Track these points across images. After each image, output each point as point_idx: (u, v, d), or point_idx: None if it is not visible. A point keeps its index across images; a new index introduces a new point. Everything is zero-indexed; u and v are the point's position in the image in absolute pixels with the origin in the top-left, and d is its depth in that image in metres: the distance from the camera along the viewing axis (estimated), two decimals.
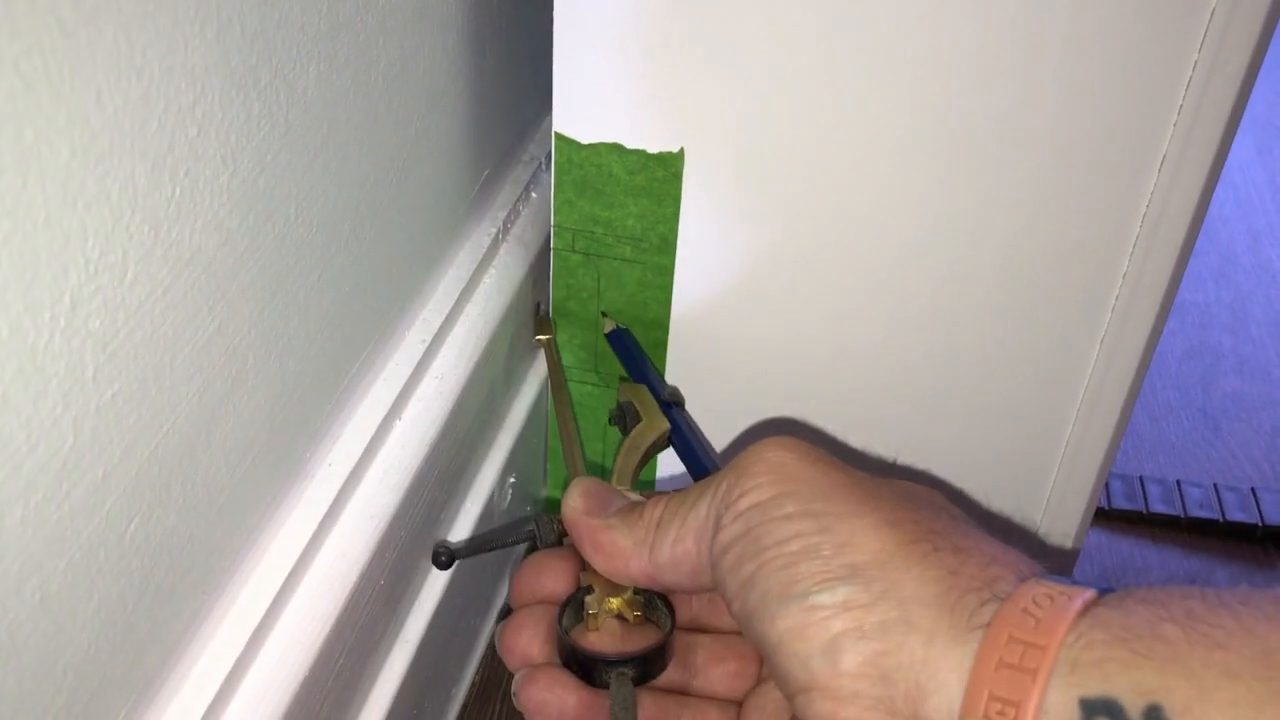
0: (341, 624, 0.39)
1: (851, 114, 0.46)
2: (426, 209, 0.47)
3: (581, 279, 0.53)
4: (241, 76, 0.32)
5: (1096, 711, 0.25)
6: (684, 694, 0.37)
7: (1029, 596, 0.28)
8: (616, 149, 0.49)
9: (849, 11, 0.43)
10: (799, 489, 0.32)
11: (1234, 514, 0.71)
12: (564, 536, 0.39)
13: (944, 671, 0.28)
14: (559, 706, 0.36)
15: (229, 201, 0.32)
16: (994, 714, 0.26)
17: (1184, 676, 0.25)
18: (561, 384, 0.53)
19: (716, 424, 0.54)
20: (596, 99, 0.48)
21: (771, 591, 0.30)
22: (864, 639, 0.29)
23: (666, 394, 0.49)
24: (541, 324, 0.56)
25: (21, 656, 0.27)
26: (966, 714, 0.27)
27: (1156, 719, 0.25)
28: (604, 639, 0.37)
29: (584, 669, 0.36)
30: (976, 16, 0.43)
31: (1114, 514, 0.71)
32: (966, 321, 0.49)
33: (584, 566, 0.38)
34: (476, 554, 0.43)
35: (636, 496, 0.38)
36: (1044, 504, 0.53)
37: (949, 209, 0.47)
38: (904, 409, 0.53)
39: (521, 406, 0.57)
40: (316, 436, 0.41)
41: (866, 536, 0.30)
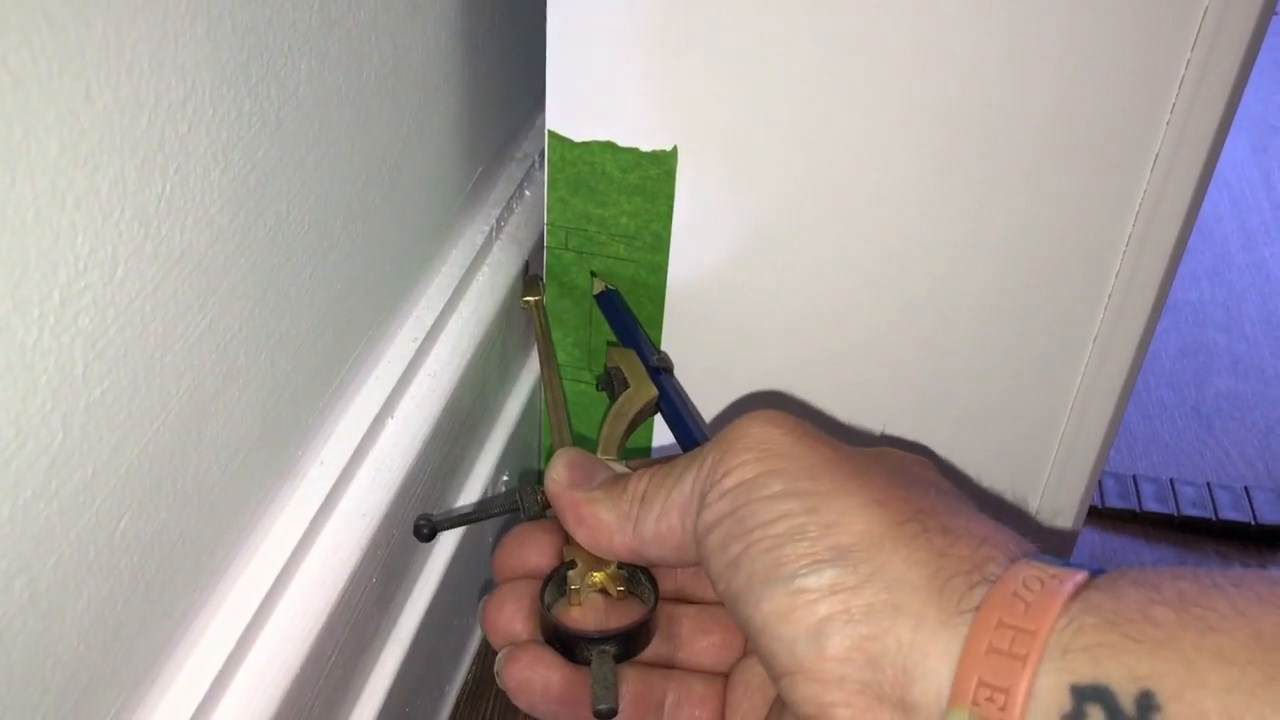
0: (333, 622, 0.39)
1: (845, 113, 0.46)
2: (419, 206, 0.47)
3: (575, 277, 0.53)
4: (232, 73, 0.31)
5: (1088, 698, 0.25)
6: (669, 667, 0.37)
7: (1019, 579, 0.27)
8: (610, 147, 0.49)
9: (843, 9, 0.43)
10: (785, 466, 0.31)
11: (1227, 513, 0.71)
12: (547, 508, 0.38)
13: (932, 657, 0.27)
14: (542, 685, 0.35)
15: (220, 198, 0.32)
16: (983, 700, 0.26)
17: (1176, 661, 0.24)
18: (549, 350, 0.51)
19: (712, 421, 0.54)
20: (590, 97, 0.48)
21: (757, 574, 0.30)
22: (851, 623, 0.28)
23: (655, 359, 0.48)
24: (529, 285, 0.55)
25: (10, 654, 0.27)
26: (955, 700, 0.27)
27: (1149, 705, 0.24)
28: (587, 614, 0.37)
29: (566, 647, 0.35)
30: (970, 14, 0.43)
31: (1107, 513, 0.71)
32: (959, 320, 0.49)
33: (567, 540, 0.37)
34: (459, 526, 0.42)
35: (622, 468, 0.38)
36: (1037, 502, 0.53)
37: (942, 207, 0.47)
38: (897, 407, 0.52)
39: (515, 404, 0.57)
40: (308, 434, 0.41)
41: (854, 516, 0.29)
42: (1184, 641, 0.25)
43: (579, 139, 0.49)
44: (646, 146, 0.48)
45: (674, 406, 0.46)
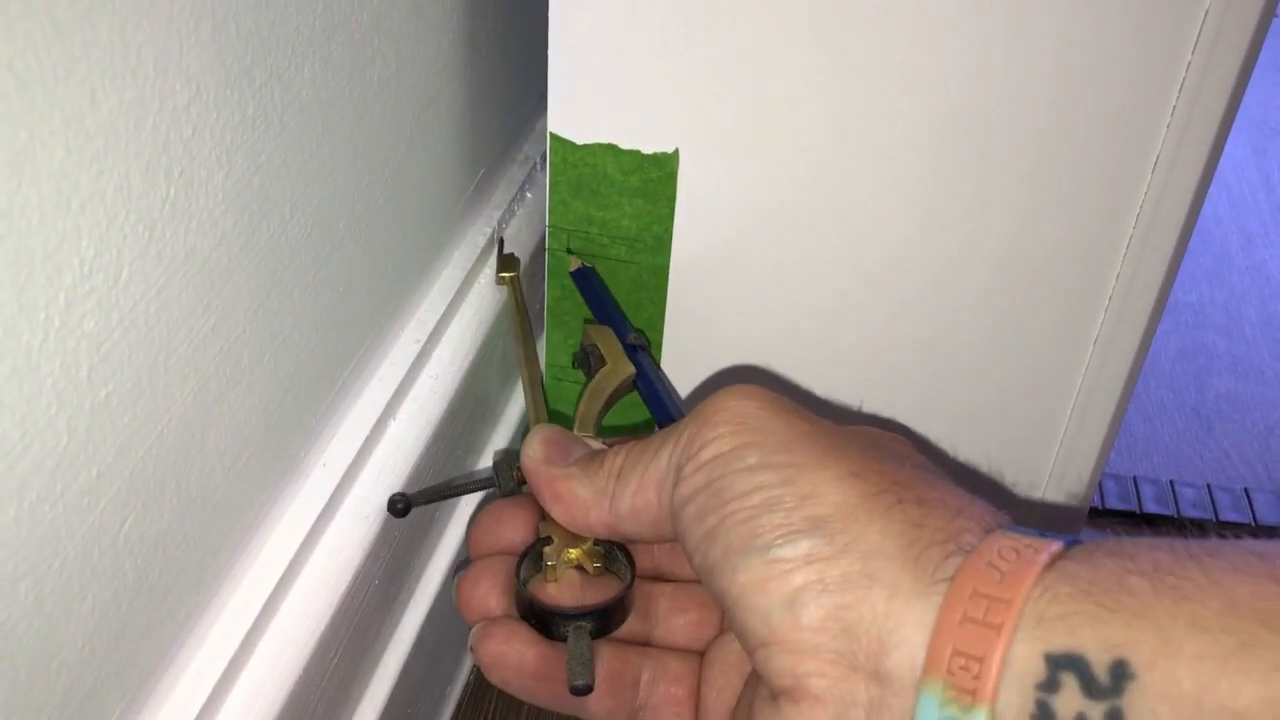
0: (336, 623, 0.39)
1: (846, 115, 0.46)
2: (421, 209, 0.47)
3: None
4: (236, 76, 0.32)
5: (1062, 666, 0.25)
6: (645, 645, 0.37)
7: (994, 549, 0.27)
8: (611, 149, 0.49)
9: (844, 12, 0.43)
10: (762, 439, 0.31)
11: (1227, 514, 0.71)
12: (523, 484, 0.38)
13: (907, 626, 0.27)
14: (517, 660, 0.35)
15: (224, 201, 0.32)
16: (957, 669, 0.26)
17: (1150, 630, 0.25)
18: (526, 327, 0.51)
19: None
20: (591, 99, 0.48)
21: (733, 545, 0.30)
22: (825, 592, 0.28)
23: (631, 337, 0.48)
24: (505, 262, 0.54)
25: (16, 656, 0.27)
26: (929, 669, 0.27)
27: (1122, 674, 0.24)
28: (563, 591, 0.37)
29: (541, 622, 0.35)
30: (971, 16, 0.43)
31: (1108, 514, 0.71)
32: (961, 322, 0.50)
33: (543, 516, 0.37)
34: (434, 501, 0.42)
35: (598, 444, 0.37)
36: (1038, 503, 0.53)
37: (944, 210, 0.47)
38: (899, 409, 0.53)
39: (516, 406, 0.57)
40: (311, 436, 0.41)
41: (829, 488, 0.29)
42: (1158, 610, 0.25)
43: (581, 141, 0.49)
44: (648, 149, 0.48)
45: (651, 384, 0.46)
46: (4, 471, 0.25)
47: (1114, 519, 0.71)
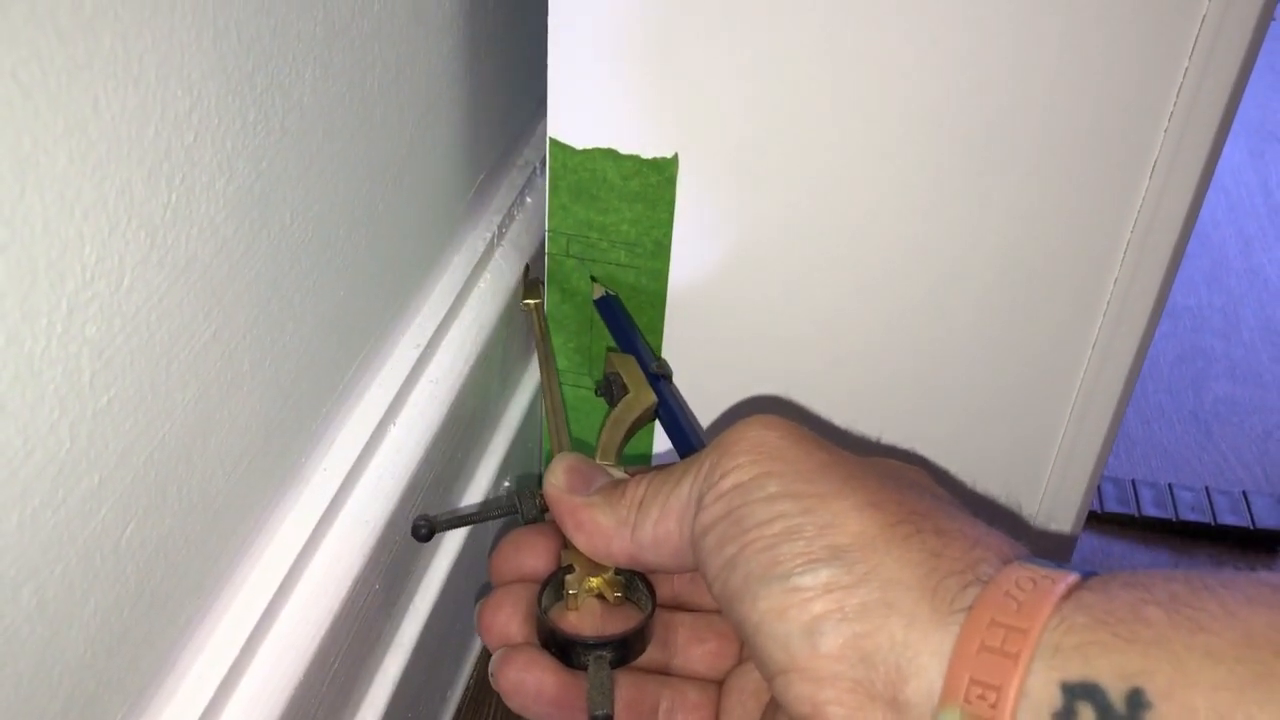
0: (337, 628, 0.39)
1: (845, 120, 0.46)
2: (421, 214, 0.47)
3: (576, 283, 0.53)
4: (238, 83, 0.32)
5: (1078, 695, 0.25)
6: (664, 674, 0.37)
7: (1012, 579, 0.27)
8: (611, 154, 0.49)
9: (843, 17, 0.44)
10: (782, 469, 0.31)
11: (1225, 517, 0.71)
12: (545, 512, 0.38)
13: (924, 655, 0.27)
14: (536, 687, 0.35)
15: (225, 207, 0.32)
16: (974, 698, 0.26)
17: (1166, 660, 0.25)
18: (549, 353, 0.51)
19: (712, 426, 0.55)
20: (591, 104, 0.48)
21: (753, 573, 0.30)
22: (845, 621, 0.28)
23: (654, 366, 0.48)
24: (529, 288, 0.55)
25: (18, 661, 0.27)
26: (947, 698, 0.27)
27: (1138, 702, 0.25)
28: (584, 619, 0.37)
29: (562, 650, 0.35)
30: (970, 22, 0.43)
31: (1106, 517, 0.72)
32: (959, 326, 0.50)
33: (565, 544, 0.37)
34: (457, 527, 0.42)
35: (620, 473, 0.38)
36: (1036, 507, 0.53)
37: (942, 214, 0.47)
38: (897, 414, 0.53)
39: (516, 410, 0.57)
40: (312, 441, 0.41)
41: (849, 518, 0.30)
42: (1174, 641, 0.25)
43: (580, 146, 0.49)
44: (647, 153, 0.49)
45: (672, 413, 0.46)
46: (6, 477, 0.25)
47: (1112, 522, 0.72)
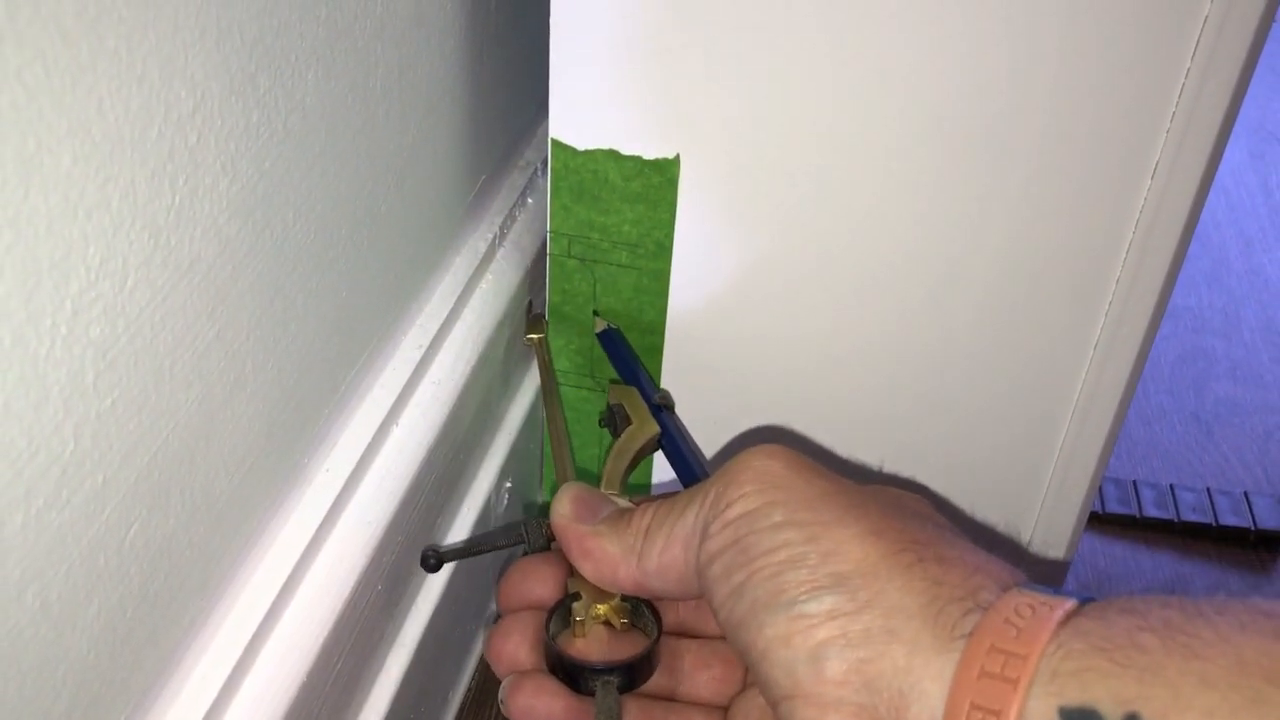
0: (339, 628, 0.39)
1: (847, 121, 0.46)
2: (423, 214, 0.47)
3: (577, 284, 0.53)
4: (241, 84, 0.32)
5: None
6: (670, 700, 0.38)
7: (1011, 606, 0.28)
8: (612, 155, 0.49)
9: (844, 18, 0.44)
10: (786, 498, 0.32)
11: (1227, 518, 0.71)
12: (552, 541, 0.39)
13: (926, 680, 0.28)
14: (546, 713, 0.36)
15: (228, 208, 0.32)
16: None
17: (1161, 685, 0.25)
18: (552, 386, 0.52)
19: (712, 428, 0.55)
20: (592, 105, 0.48)
21: (759, 600, 0.30)
22: (849, 647, 0.29)
23: (657, 397, 0.49)
24: (533, 323, 0.56)
25: (22, 662, 0.27)
26: None
27: None
28: (591, 646, 0.37)
29: (570, 676, 0.36)
30: (971, 23, 0.43)
31: (1107, 518, 0.72)
32: (961, 326, 0.50)
33: (572, 572, 0.38)
34: (464, 557, 0.43)
35: (625, 502, 0.38)
36: (1038, 508, 0.53)
37: (944, 215, 0.47)
38: (898, 414, 0.53)
39: (518, 411, 0.57)
40: (314, 442, 0.41)
41: (852, 546, 0.30)
42: (1169, 667, 0.25)
43: (582, 147, 0.49)
44: (649, 154, 0.49)
45: (675, 443, 0.47)
46: (11, 478, 0.25)
47: (1114, 523, 0.72)
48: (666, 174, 0.49)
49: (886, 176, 0.47)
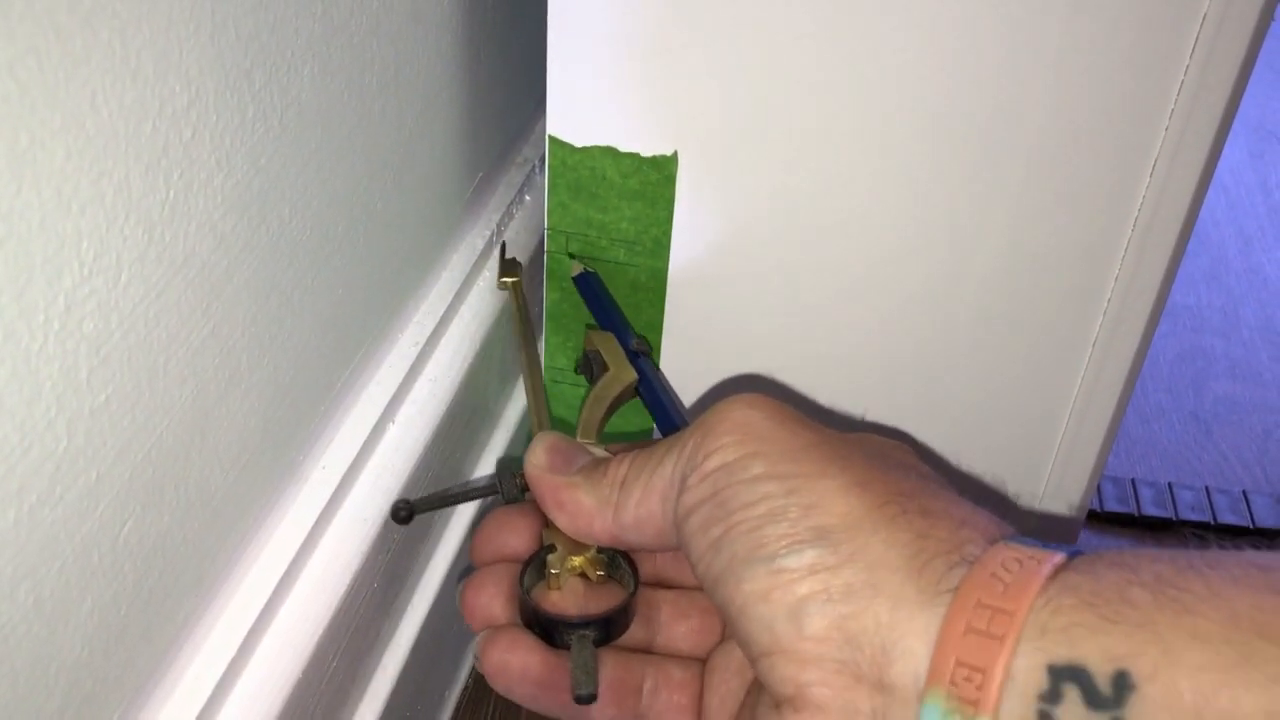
0: (335, 626, 0.39)
1: (845, 118, 0.46)
2: (420, 211, 0.47)
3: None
4: (236, 79, 0.32)
5: (1064, 678, 0.25)
6: (647, 652, 0.37)
7: (998, 560, 0.27)
8: (610, 152, 0.49)
9: (843, 17, 0.44)
10: (766, 449, 0.31)
11: (1225, 516, 0.71)
12: (526, 492, 0.38)
13: (910, 636, 0.27)
14: (521, 668, 0.35)
15: (223, 204, 0.32)
16: (960, 680, 0.26)
17: (1152, 641, 0.25)
18: (528, 333, 0.51)
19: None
20: (590, 102, 0.48)
21: (738, 554, 0.30)
22: (830, 602, 0.28)
23: (634, 343, 0.48)
24: (507, 267, 0.54)
25: (15, 659, 0.27)
26: (932, 680, 0.27)
27: (1124, 685, 0.25)
28: (566, 598, 0.37)
29: (545, 630, 0.35)
30: (970, 19, 0.43)
31: (1106, 516, 0.71)
32: (959, 325, 0.50)
33: (546, 524, 0.37)
34: (437, 509, 0.42)
35: (601, 451, 0.37)
36: (1036, 506, 0.53)
37: (942, 212, 0.47)
38: (897, 411, 0.53)
39: (514, 409, 0.57)
40: (310, 439, 0.41)
41: (834, 499, 0.29)
42: (1160, 622, 0.25)
43: (579, 144, 0.49)
44: (647, 151, 0.48)
45: (653, 390, 0.46)
46: (3, 474, 0.25)
47: (1112, 522, 0.72)
48: (664, 171, 0.49)
49: (884, 174, 0.47)
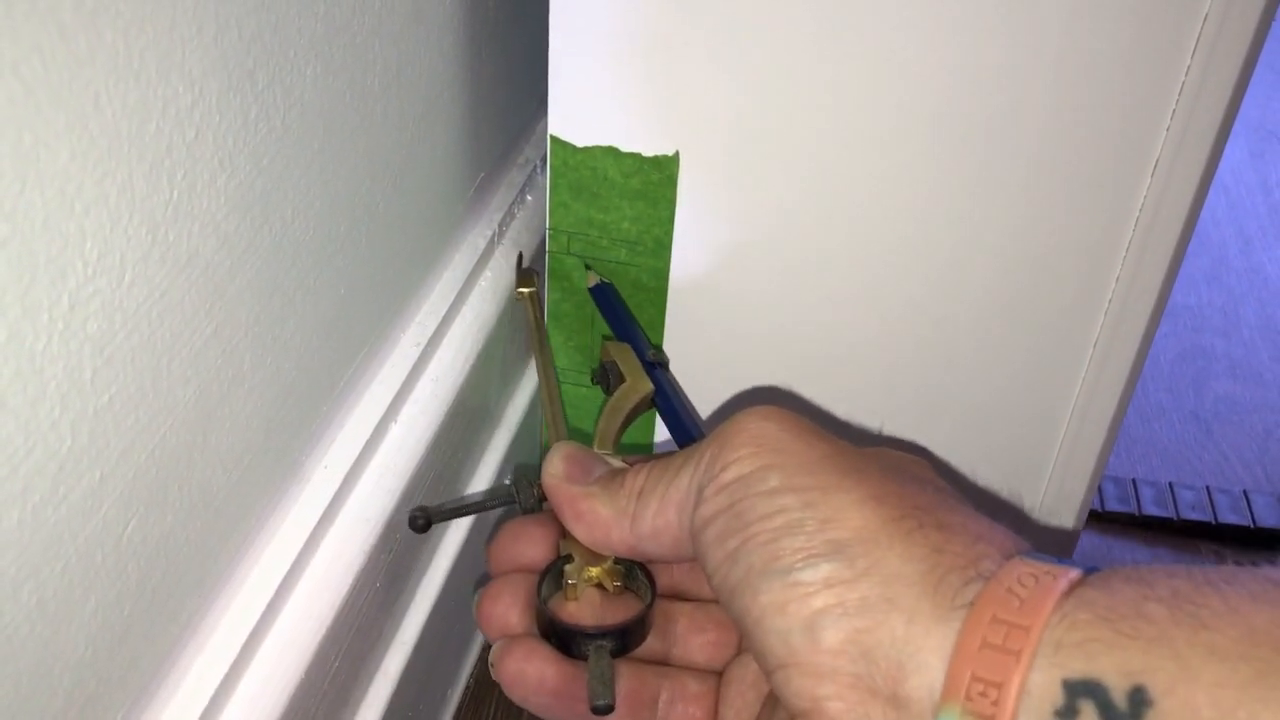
0: (337, 626, 0.39)
1: (846, 118, 0.46)
2: (422, 211, 0.47)
3: (577, 281, 0.53)
4: (239, 80, 0.32)
5: (1080, 693, 0.25)
6: (663, 664, 0.37)
7: (1014, 575, 0.27)
8: (612, 152, 0.49)
9: (843, 14, 0.44)
10: (783, 461, 0.31)
11: (1226, 516, 0.71)
12: (543, 501, 0.38)
13: (925, 651, 0.27)
14: (537, 678, 0.35)
15: (226, 204, 0.32)
16: (976, 695, 0.26)
17: (1169, 657, 0.25)
18: (544, 342, 0.51)
19: (709, 418, 0.55)
20: (591, 102, 0.48)
21: (754, 567, 0.30)
22: (845, 616, 0.28)
23: (651, 354, 0.48)
24: (523, 277, 0.54)
25: (19, 659, 0.27)
26: (948, 694, 0.27)
27: (1140, 700, 0.24)
28: (583, 609, 0.37)
29: (562, 641, 0.35)
30: (971, 19, 0.43)
31: (1107, 516, 0.72)
32: (960, 325, 0.50)
33: (563, 534, 0.37)
34: (454, 518, 0.42)
35: (618, 462, 0.37)
36: (1038, 506, 0.53)
37: (944, 212, 0.47)
38: (898, 412, 0.53)
39: (517, 408, 0.57)
40: (312, 439, 0.41)
41: (850, 512, 0.29)
42: (1177, 637, 0.25)
43: (581, 144, 0.49)
44: (648, 151, 0.48)
45: (670, 401, 0.46)
46: (7, 475, 0.25)
47: (1113, 521, 0.72)
48: (666, 171, 0.49)
49: (886, 174, 0.47)
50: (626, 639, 0.35)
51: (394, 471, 0.44)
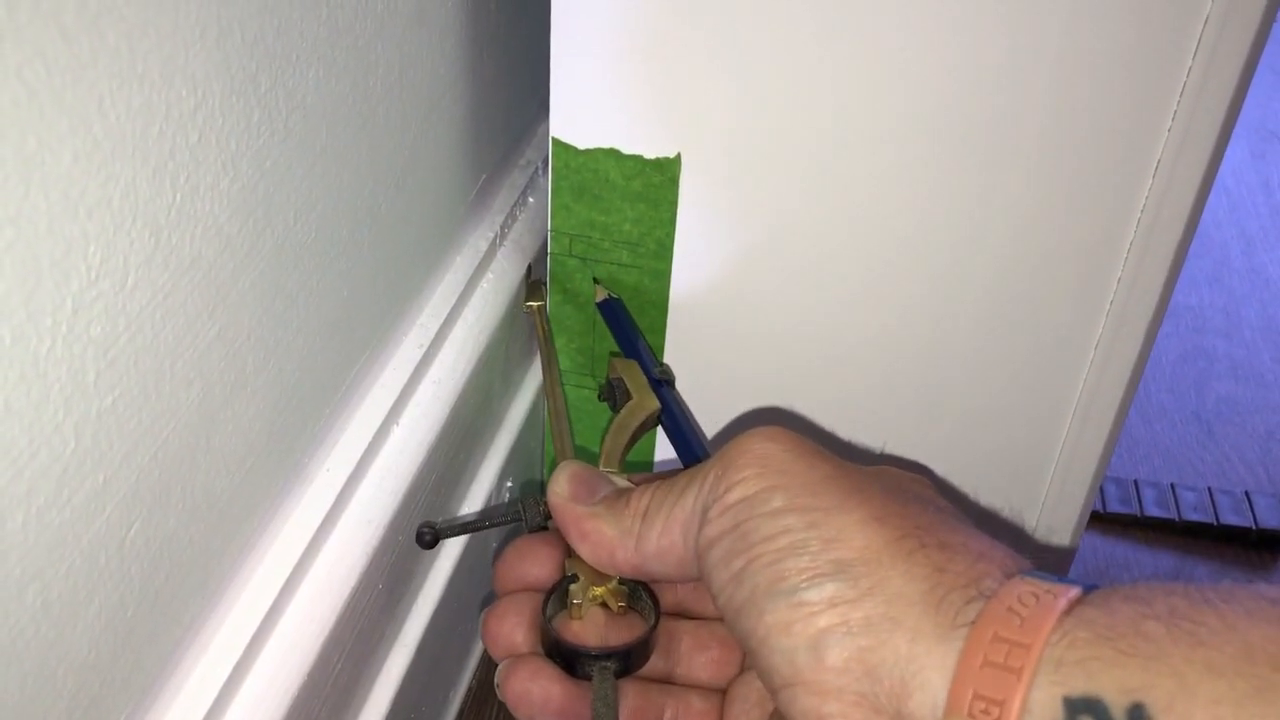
0: (340, 628, 0.39)
1: (848, 120, 0.46)
2: (424, 213, 0.47)
3: (579, 283, 0.53)
4: (241, 83, 0.32)
5: (1080, 710, 0.25)
6: (667, 682, 0.37)
7: (1014, 594, 0.28)
8: (613, 154, 0.49)
9: (845, 16, 0.44)
10: (786, 482, 0.31)
11: (1228, 517, 0.71)
12: (549, 520, 0.38)
13: (928, 669, 0.28)
14: (542, 697, 0.35)
15: (229, 207, 0.32)
16: (978, 712, 0.26)
17: (1167, 674, 0.25)
18: (552, 356, 0.51)
19: (713, 428, 0.55)
20: (593, 104, 0.48)
21: (759, 587, 0.30)
22: (849, 635, 0.29)
23: (657, 371, 0.48)
24: (532, 290, 0.55)
25: (23, 661, 0.27)
26: (950, 712, 0.27)
27: (1140, 716, 0.25)
28: (588, 629, 0.37)
29: (567, 661, 0.35)
30: (972, 20, 0.43)
31: (1108, 517, 0.72)
32: (962, 326, 0.50)
33: (569, 553, 0.37)
34: (461, 534, 0.42)
35: (624, 481, 0.38)
36: (1039, 507, 0.53)
37: (945, 214, 0.47)
38: (900, 413, 0.53)
39: (519, 410, 0.57)
40: (315, 441, 0.41)
41: (854, 532, 0.30)
42: (1174, 655, 0.25)
43: (583, 146, 0.49)
44: (650, 153, 0.49)
45: (675, 420, 0.46)
46: (11, 477, 0.25)
47: (1115, 522, 0.72)
48: (667, 173, 0.49)
49: (888, 175, 0.47)
50: (630, 660, 0.36)
51: (396, 473, 0.44)
